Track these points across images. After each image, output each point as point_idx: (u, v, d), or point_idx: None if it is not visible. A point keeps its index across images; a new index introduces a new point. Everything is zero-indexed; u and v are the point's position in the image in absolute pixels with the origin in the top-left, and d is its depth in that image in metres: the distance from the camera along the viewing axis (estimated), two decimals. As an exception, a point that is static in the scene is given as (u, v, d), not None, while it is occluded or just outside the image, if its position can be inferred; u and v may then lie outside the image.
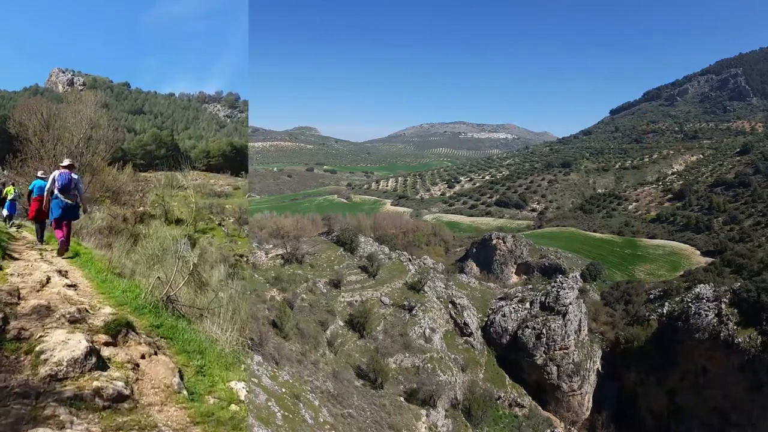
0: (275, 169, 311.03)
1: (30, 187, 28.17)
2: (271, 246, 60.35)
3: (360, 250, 64.70)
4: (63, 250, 20.30)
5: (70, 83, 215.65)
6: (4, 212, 39.79)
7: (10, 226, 38.96)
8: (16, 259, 18.05)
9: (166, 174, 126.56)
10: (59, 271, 15.79)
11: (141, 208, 72.51)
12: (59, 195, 21.15)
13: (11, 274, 14.54)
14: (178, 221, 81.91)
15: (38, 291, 13.13)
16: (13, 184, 43.71)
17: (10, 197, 40.07)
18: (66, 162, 21.85)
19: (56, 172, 21.61)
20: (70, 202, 21.30)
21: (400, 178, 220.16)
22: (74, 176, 21.65)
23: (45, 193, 22.31)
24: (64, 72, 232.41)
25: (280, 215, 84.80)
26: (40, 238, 25.02)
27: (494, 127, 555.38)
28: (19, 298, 11.88)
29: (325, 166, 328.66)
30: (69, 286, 14.12)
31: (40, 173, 28.95)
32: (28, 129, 56.48)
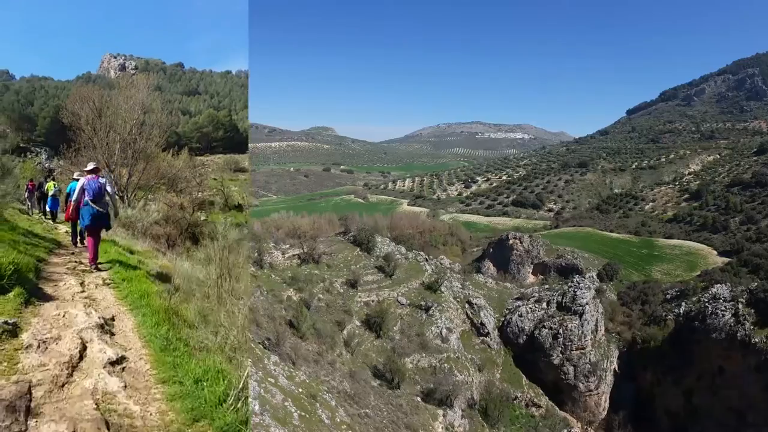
0: (292, 169, 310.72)
1: (68, 189, 27.77)
2: (287, 246, 60.43)
3: (377, 250, 64.76)
4: (93, 266, 19.66)
5: (122, 68, 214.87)
6: (48, 208, 42.40)
7: (49, 219, 41.27)
8: (47, 297, 14.23)
9: (224, 157, 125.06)
10: (101, 325, 12.27)
11: (199, 194, 71.98)
12: (90, 203, 20.38)
13: (29, 345, 9.98)
14: (238, 207, 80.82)
15: (62, 386, 8.84)
16: (53, 179, 46.33)
17: (51, 192, 41.99)
18: (90, 166, 21.12)
19: (83, 180, 20.73)
20: (101, 209, 20.55)
21: (416, 178, 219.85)
22: (102, 180, 20.83)
23: (72, 202, 21.56)
24: (115, 57, 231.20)
25: (296, 215, 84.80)
26: (75, 241, 25.62)
27: (511, 127, 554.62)
28: (27, 416, 7.51)
29: (341, 166, 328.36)
30: (113, 364, 10.12)
31: (76, 174, 28.39)
32: (80, 118, 56.41)
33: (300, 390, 28.48)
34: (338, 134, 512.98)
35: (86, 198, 20.39)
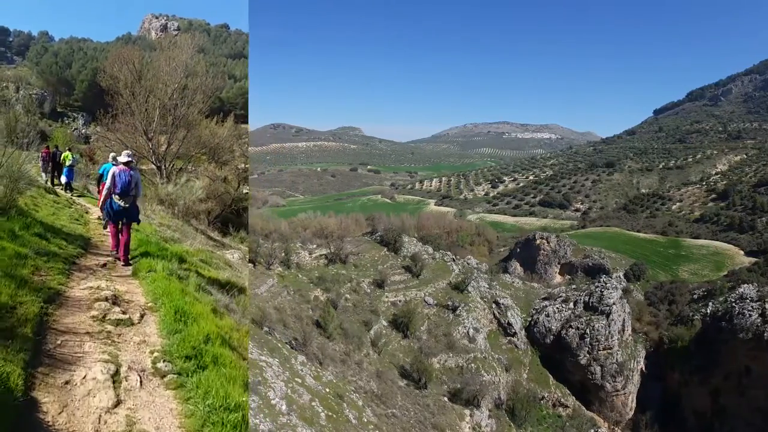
0: (319, 169, 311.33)
1: (100, 171, 28.30)
2: (314, 246, 60.55)
3: (404, 250, 64.80)
4: (124, 264, 19.15)
5: (164, 29, 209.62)
6: (63, 179, 41.01)
7: (69, 193, 39.53)
8: (71, 308, 12.45)
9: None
10: (135, 369, 10.04)
11: (243, 166, 70.23)
12: (115, 198, 19.86)
13: (42, 403, 8.20)
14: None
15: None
16: (70, 150, 44.54)
17: (68, 163, 40.97)
18: (125, 158, 20.29)
19: (114, 170, 20.01)
20: (125, 205, 19.95)
21: (443, 178, 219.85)
22: (133, 174, 20.21)
23: (104, 191, 20.69)
24: (157, 17, 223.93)
25: (324, 215, 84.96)
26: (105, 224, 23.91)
27: (538, 127, 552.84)
28: None
29: (368, 166, 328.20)
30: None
31: (111, 156, 27.61)
32: (119, 81, 54.64)
33: (327, 390, 28.69)
34: (365, 134, 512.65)
35: (114, 191, 19.88)
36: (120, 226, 20.34)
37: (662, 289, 75.06)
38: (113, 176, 19.85)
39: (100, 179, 27.41)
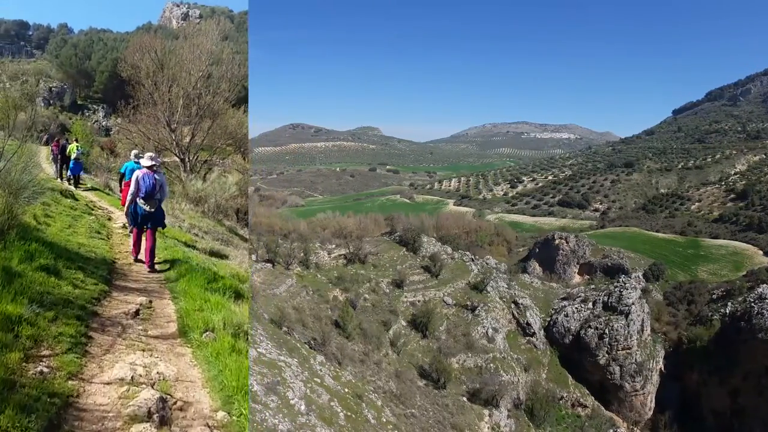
0: (338, 169, 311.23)
1: (121, 170, 27.20)
2: (333, 246, 60.67)
3: (423, 250, 64.84)
4: (149, 270, 18.86)
5: (185, 17, 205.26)
6: (69, 173, 40.10)
7: (75, 186, 39.03)
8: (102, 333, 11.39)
9: None
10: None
11: None
12: (139, 202, 19.56)
13: None
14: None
15: None
16: (76, 140, 43.43)
17: (73, 156, 39.81)
18: (148, 162, 19.80)
19: (138, 173, 19.61)
20: (150, 209, 19.62)
21: (462, 178, 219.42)
22: (158, 177, 19.83)
23: (128, 196, 20.15)
24: (178, 5, 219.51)
25: (342, 215, 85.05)
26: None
27: (557, 127, 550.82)
28: None
29: (387, 166, 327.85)
30: None
31: (133, 154, 26.93)
32: (140, 71, 53.65)
33: (346, 390, 28.80)
34: (384, 134, 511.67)
35: (138, 198, 19.55)
36: (144, 231, 19.92)
37: (681, 289, 74.89)
38: (137, 180, 19.46)
39: (122, 178, 26.68)
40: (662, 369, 61.50)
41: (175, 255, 20.72)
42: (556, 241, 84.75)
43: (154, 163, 19.94)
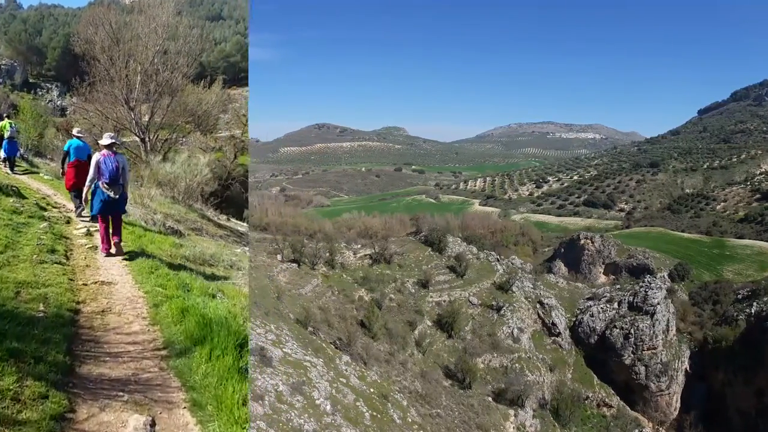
0: (363, 169, 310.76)
1: (65, 148, 24.93)
2: (359, 246, 60.78)
3: (448, 250, 64.87)
4: (119, 252, 17.81)
5: None
6: (1, 154, 34.98)
7: (9, 171, 33.90)
8: None
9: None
10: None
11: (240, 133, 67.89)
12: (102, 186, 17.93)
13: None
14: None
15: None
16: (8, 117, 39.80)
17: (6, 135, 35.21)
18: (107, 140, 18.29)
19: (99, 156, 18.00)
20: (113, 195, 18.02)
21: (488, 178, 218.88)
22: (120, 160, 18.27)
23: (88, 182, 18.33)
24: None
25: (368, 215, 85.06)
26: (82, 208, 22.45)
27: (582, 127, 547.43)
28: None
29: (413, 166, 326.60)
30: None
31: (75, 131, 25.28)
32: (95, 46, 51.39)
33: (371, 390, 28.93)
34: (410, 134, 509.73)
35: (99, 180, 18.02)
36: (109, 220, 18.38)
37: (706, 289, 74.58)
38: (97, 164, 17.93)
39: (66, 158, 24.44)
40: (687, 369, 61.36)
41: (172, 294, 14.13)
42: (582, 241, 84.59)
43: (113, 141, 18.62)
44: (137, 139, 53.79)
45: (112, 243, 18.22)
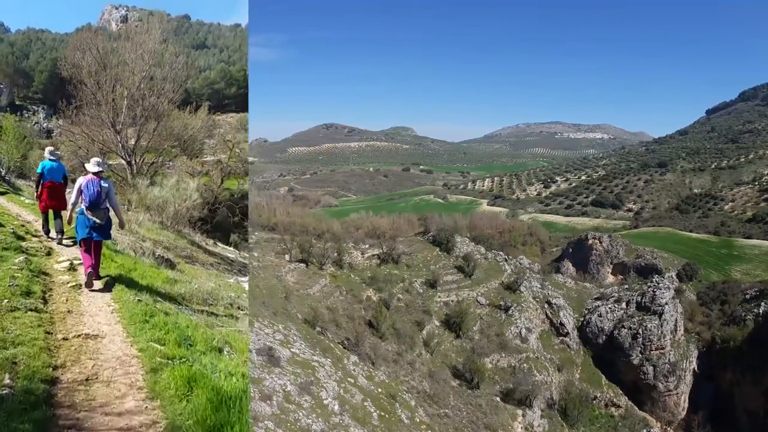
0: (371, 169, 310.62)
1: (39, 170, 23.09)
2: (367, 246, 60.86)
3: (456, 250, 64.98)
4: (90, 282, 16.22)
5: (125, 20, 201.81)
6: None
7: None
8: None
9: (237, 116, 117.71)
10: None
11: (223, 158, 67.67)
12: (86, 211, 17.17)
13: None
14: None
15: None
16: None
17: None
18: (94, 167, 17.44)
19: (82, 180, 17.29)
20: (98, 221, 17.22)
21: (496, 178, 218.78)
22: (105, 185, 17.47)
23: (70, 206, 17.70)
24: (117, 8, 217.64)
25: (376, 215, 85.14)
26: (59, 232, 21.54)
27: (590, 127, 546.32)
28: None
29: (421, 166, 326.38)
30: None
31: (47, 152, 23.29)
32: (82, 70, 51.41)
33: (379, 390, 28.96)
34: (418, 134, 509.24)
35: (82, 204, 17.23)
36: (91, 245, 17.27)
37: (714, 289, 74.50)
38: (79, 188, 17.20)
39: (40, 180, 22.63)
40: (696, 369, 61.34)
41: (173, 353, 11.51)
42: (590, 241, 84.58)
43: (101, 169, 17.67)
44: (123, 162, 53.68)
45: (86, 272, 16.61)
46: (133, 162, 53.91)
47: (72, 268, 17.65)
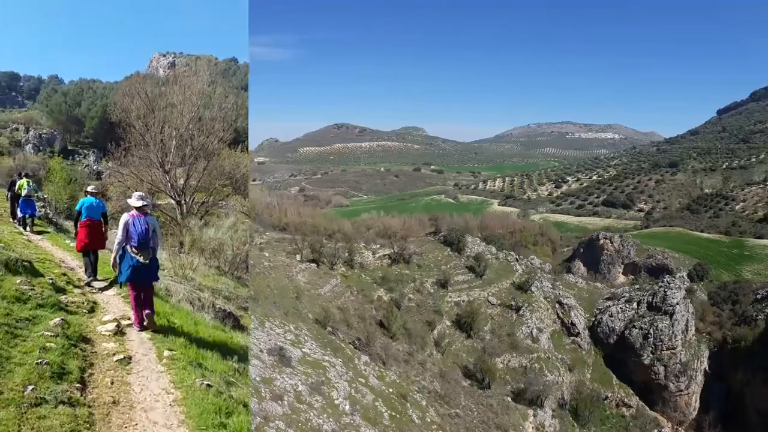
0: (382, 169, 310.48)
1: (77, 208, 21.63)
2: (378, 246, 60.91)
3: (467, 250, 64.98)
4: (150, 325, 15.21)
5: (172, 66, 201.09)
6: (19, 213, 32.49)
7: (26, 229, 31.02)
8: None
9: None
10: None
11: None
12: (131, 251, 15.74)
13: None
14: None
15: None
16: (26, 175, 36.10)
17: (23, 193, 32.59)
18: (137, 202, 16.00)
19: (127, 217, 15.84)
20: (144, 260, 15.76)
21: (507, 178, 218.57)
22: (151, 221, 16.11)
23: (115, 246, 16.07)
24: (164, 55, 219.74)
25: (387, 215, 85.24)
26: (91, 273, 19.73)
27: (601, 127, 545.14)
28: None
29: (432, 166, 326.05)
30: None
31: (90, 188, 22.20)
32: (130, 113, 51.21)
33: (390, 390, 28.97)
34: (429, 134, 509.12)
35: (127, 244, 15.78)
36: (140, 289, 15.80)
37: (726, 289, 74.41)
38: (126, 226, 15.70)
39: (78, 218, 21.10)
40: (707, 369, 61.26)
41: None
42: (601, 242, 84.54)
43: (144, 203, 16.21)
44: (173, 201, 53.50)
45: (144, 315, 15.33)
46: (182, 201, 52.65)
47: (119, 332, 14.36)
